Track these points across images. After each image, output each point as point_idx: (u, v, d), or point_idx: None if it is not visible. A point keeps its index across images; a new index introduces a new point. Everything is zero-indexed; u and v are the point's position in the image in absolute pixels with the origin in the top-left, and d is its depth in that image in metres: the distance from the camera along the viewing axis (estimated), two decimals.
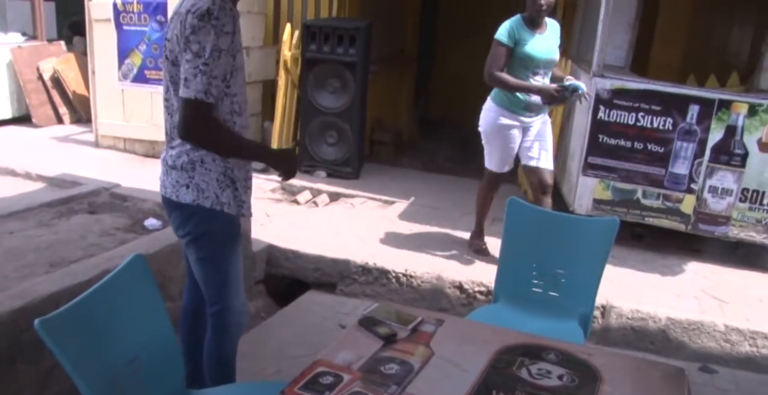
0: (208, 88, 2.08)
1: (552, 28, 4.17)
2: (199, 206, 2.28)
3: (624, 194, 4.56)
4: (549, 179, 4.22)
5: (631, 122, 4.42)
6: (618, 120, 4.46)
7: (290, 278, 4.38)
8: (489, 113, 4.17)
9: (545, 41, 4.07)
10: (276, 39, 6.35)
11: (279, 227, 4.76)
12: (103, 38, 6.29)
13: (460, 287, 4.08)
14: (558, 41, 4.19)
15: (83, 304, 1.80)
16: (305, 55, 5.72)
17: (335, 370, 1.87)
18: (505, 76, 4.00)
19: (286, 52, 5.81)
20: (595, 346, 3.46)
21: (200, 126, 2.14)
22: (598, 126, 4.53)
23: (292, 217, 5.03)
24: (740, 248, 4.69)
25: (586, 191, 4.68)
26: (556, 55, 4.15)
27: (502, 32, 4.01)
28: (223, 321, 2.44)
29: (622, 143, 4.47)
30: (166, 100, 2.33)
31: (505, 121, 4.11)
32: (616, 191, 4.57)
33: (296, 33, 5.86)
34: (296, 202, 5.40)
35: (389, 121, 7.20)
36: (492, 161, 4.28)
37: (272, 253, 4.37)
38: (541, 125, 4.21)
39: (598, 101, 4.48)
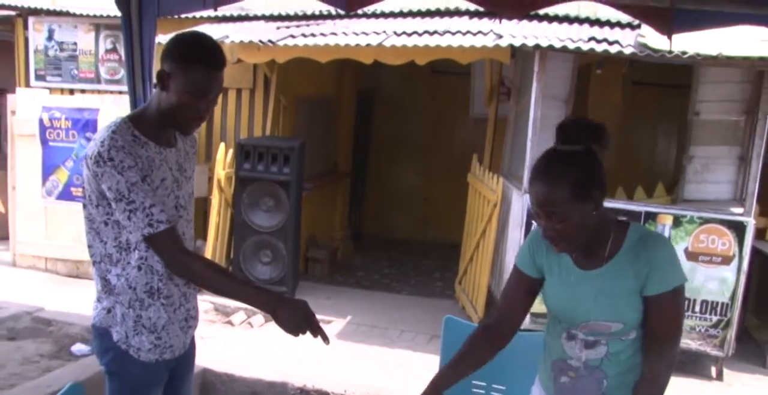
0: (150, 219, 2.08)
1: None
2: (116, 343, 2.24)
3: None
4: None
5: None
6: None
7: None
8: None
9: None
10: (208, 156, 6.73)
11: (213, 350, 4.97)
12: (26, 154, 6.61)
13: None
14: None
15: None
16: (239, 173, 6.09)
17: None
18: None
19: (221, 171, 6.17)
20: None
21: (168, 259, 2.14)
22: None
23: (226, 339, 5.27)
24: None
25: None
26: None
27: None
28: None
29: None
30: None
31: None
32: None
33: (230, 152, 6.24)
34: (230, 323, 5.62)
35: (323, 237, 7.56)
36: None
37: (206, 378, 4.54)
38: None
39: (531, 216, 4.99)
